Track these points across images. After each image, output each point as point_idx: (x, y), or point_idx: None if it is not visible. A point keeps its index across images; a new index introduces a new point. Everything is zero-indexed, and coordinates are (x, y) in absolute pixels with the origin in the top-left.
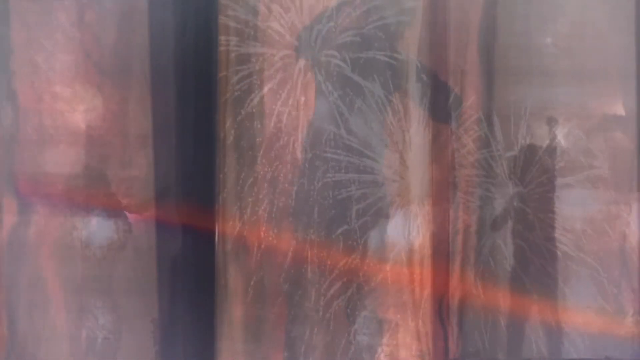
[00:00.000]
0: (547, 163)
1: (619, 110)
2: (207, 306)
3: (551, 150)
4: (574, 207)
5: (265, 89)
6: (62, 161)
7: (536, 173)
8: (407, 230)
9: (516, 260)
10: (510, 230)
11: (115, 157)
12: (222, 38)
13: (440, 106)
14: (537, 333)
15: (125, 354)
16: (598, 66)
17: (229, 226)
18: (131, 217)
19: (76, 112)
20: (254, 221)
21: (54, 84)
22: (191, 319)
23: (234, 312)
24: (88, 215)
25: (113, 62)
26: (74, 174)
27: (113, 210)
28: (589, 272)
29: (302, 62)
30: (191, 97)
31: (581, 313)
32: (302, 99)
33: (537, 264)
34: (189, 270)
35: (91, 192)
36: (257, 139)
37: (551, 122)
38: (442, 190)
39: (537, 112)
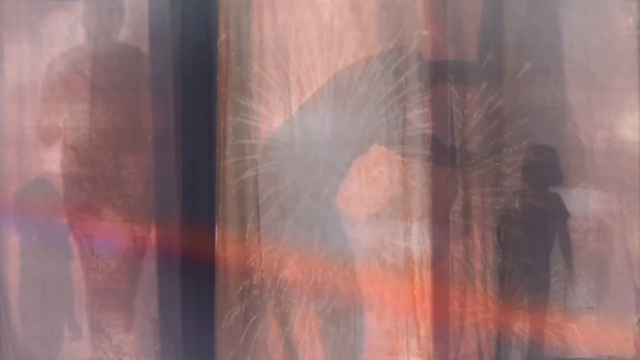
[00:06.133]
0: (550, 163)
1: (626, 111)
2: (207, 306)
3: (556, 150)
4: (577, 208)
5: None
6: (59, 165)
7: (539, 174)
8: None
9: (517, 261)
10: (511, 231)
11: (116, 159)
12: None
13: (441, 113)
14: (538, 333)
15: (126, 354)
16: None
17: (229, 228)
18: (131, 219)
19: (74, 118)
20: (253, 222)
21: (49, 89)
22: (191, 319)
23: (233, 313)
24: (86, 218)
25: (110, 71)
26: (72, 177)
27: (112, 211)
28: (591, 271)
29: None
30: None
31: (583, 313)
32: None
33: (538, 263)
34: (189, 271)
35: (92, 196)
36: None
37: (557, 122)
38: (443, 200)
39: (541, 113)
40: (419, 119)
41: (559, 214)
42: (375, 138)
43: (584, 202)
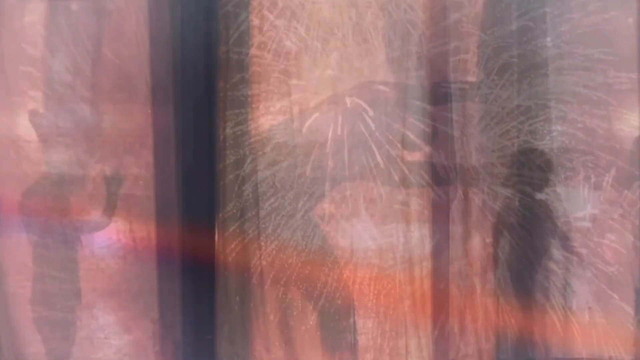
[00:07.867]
0: (551, 163)
1: (626, 110)
2: (207, 306)
3: (555, 149)
4: (578, 208)
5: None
6: (58, 165)
7: (538, 173)
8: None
9: (518, 261)
10: (511, 231)
11: (115, 160)
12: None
13: (442, 113)
14: (538, 333)
15: (126, 354)
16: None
17: (229, 227)
18: (131, 218)
19: (74, 118)
20: (253, 221)
21: (49, 89)
22: (191, 319)
23: (233, 313)
24: (86, 216)
25: (110, 71)
26: (72, 177)
27: (112, 212)
28: (591, 271)
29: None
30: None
31: (583, 313)
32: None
33: (538, 263)
34: (189, 271)
35: (92, 195)
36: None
37: (557, 122)
38: (443, 199)
39: (541, 113)
40: (419, 118)
41: (557, 214)
42: (376, 138)
43: (584, 202)
